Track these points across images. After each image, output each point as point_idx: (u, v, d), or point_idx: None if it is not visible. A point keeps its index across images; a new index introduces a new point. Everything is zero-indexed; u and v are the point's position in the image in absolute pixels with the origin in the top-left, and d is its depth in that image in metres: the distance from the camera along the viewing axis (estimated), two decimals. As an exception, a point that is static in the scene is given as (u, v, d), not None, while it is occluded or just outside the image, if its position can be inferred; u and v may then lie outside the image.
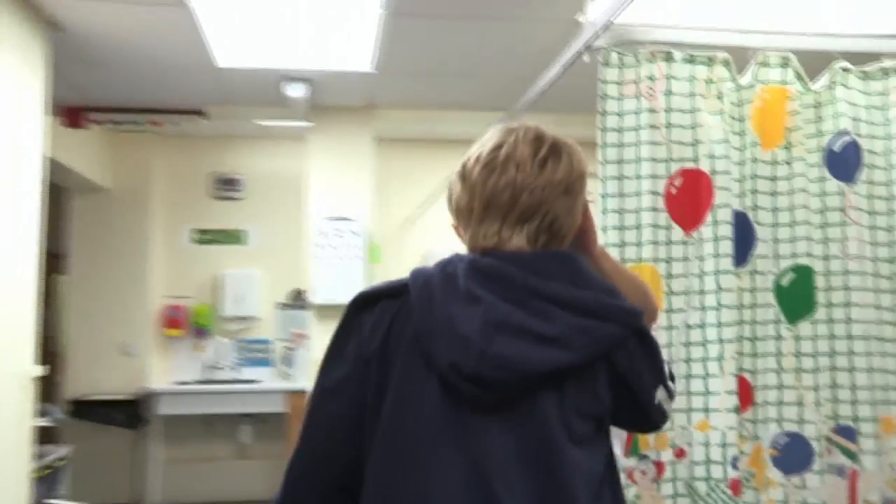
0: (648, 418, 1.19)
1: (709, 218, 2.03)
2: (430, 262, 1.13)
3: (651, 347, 1.16)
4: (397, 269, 5.40)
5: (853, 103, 2.17)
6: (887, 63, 2.21)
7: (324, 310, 4.59)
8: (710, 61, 2.09)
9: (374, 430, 1.08)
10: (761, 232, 2.10)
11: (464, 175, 1.17)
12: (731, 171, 2.07)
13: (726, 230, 2.03)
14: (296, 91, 4.03)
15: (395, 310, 1.12)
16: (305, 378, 5.46)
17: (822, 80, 2.19)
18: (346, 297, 4.89)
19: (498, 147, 1.14)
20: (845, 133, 2.14)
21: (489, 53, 3.67)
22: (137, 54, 3.76)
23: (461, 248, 1.20)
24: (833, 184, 2.14)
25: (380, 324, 1.11)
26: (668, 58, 2.07)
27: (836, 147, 2.15)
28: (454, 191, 1.20)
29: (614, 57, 2.08)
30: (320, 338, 4.58)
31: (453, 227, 1.98)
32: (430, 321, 1.06)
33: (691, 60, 2.09)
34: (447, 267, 1.11)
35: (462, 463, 1.03)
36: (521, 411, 1.05)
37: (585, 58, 2.13)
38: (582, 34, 2.13)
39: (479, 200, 1.13)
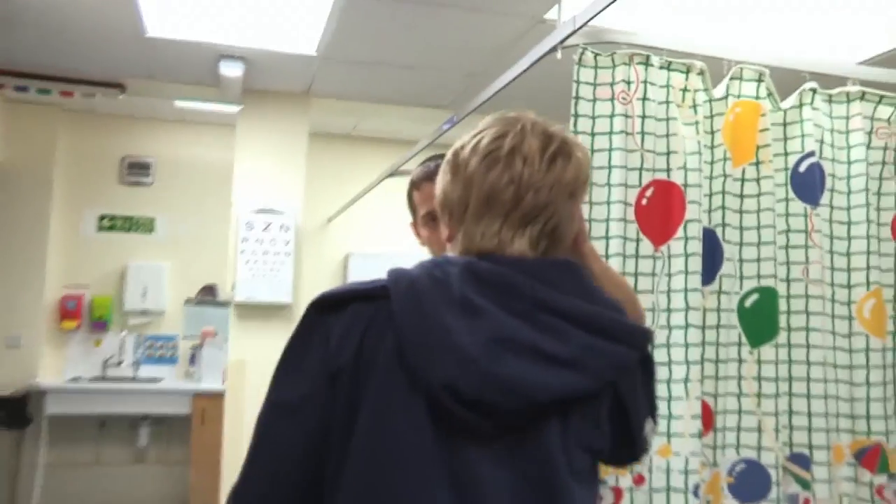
0: (633, 450, 1.08)
1: (680, 232, 1.94)
2: (351, 263, 0.97)
3: (652, 373, 1.05)
4: (314, 269, 5.22)
5: (818, 125, 2.14)
6: (851, 88, 2.20)
7: (245, 308, 4.29)
8: (686, 69, 2.02)
9: (342, 460, 0.91)
10: (728, 250, 2.03)
11: (456, 165, 1.00)
12: (702, 185, 1.99)
13: (696, 246, 1.94)
14: (231, 70, 3.73)
15: (370, 316, 0.94)
16: (213, 378, 5.17)
17: (791, 100, 2.15)
18: (270, 295, 4.59)
19: (501, 136, 0.98)
20: (811, 154, 2.11)
21: (440, 45, 3.49)
22: (51, 11, 3.32)
23: (387, 254, 1.03)
24: (798, 205, 2.10)
25: (351, 332, 0.93)
26: (646, 62, 1.97)
27: (802, 168, 2.11)
28: (441, 182, 1.04)
29: (589, 57, 1.97)
30: (239, 339, 4.28)
31: (411, 225, 1.80)
32: (419, 332, 0.89)
33: (668, 67, 2.00)
34: (434, 269, 0.94)
35: (449, 501, 0.88)
36: (521, 443, 0.90)
37: (559, 55, 2.01)
38: (557, 30, 2.00)
39: (477, 195, 0.97)
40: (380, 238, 5.78)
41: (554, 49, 2.02)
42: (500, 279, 0.92)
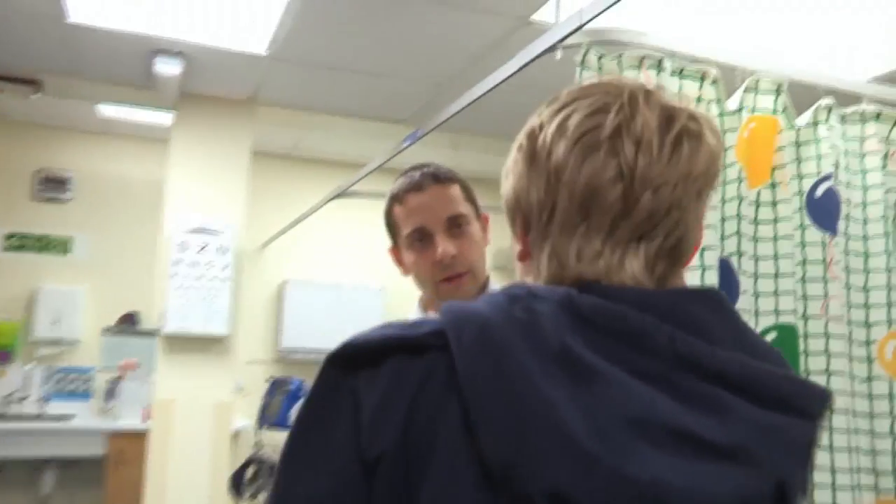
0: None
1: (695, 261, 1.69)
2: (287, 292, 0.62)
3: (817, 448, 0.75)
4: (246, 297, 4.82)
5: (834, 146, 1.95)
6: (865, 107, 2.02)
7: (175, 340, 3.83)
8: (700, 77, 1.79)
9: None
10: (744, 283, 1.80)
11: (534, 152, 0.69)
12: (717, 207, 1.76)
13: (713, 277, 1.70)
14: (168, 68, 3.30)
15: (420, 376, 0.63)
16: (132, 416, 4.70)
17: (805, 117, 1.96)
18: (204, 325, 4.02)
19: (599, 110, 0.67)
20: (828, 177, 1.91)
21: (408, 48, 3.17)
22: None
23: (328, 283, 0.71)
24: (814, 233, 1.89)
25: (392, 400, 0.62)
26: (658, 66, 1.73)
27: (818, 192, 1.91)
28: (510, 177, 0.73)
29: (593, 58, 1.71)
30: (168, 375, 3.82)
31: (391, 251, 1.46)
32: (502, 407, 0.58)
33: (680, 73, 1.77)
34: (513, 307, 0.62)
35: None
36: None
37: (558, 55, 1.76)
38: (557, 27, 1.75)
39: (569, 196, 0.67)
40: (320, 266, 5.46)
41: (553, 48, 1.76)
42: (619, 324, 0.61)
